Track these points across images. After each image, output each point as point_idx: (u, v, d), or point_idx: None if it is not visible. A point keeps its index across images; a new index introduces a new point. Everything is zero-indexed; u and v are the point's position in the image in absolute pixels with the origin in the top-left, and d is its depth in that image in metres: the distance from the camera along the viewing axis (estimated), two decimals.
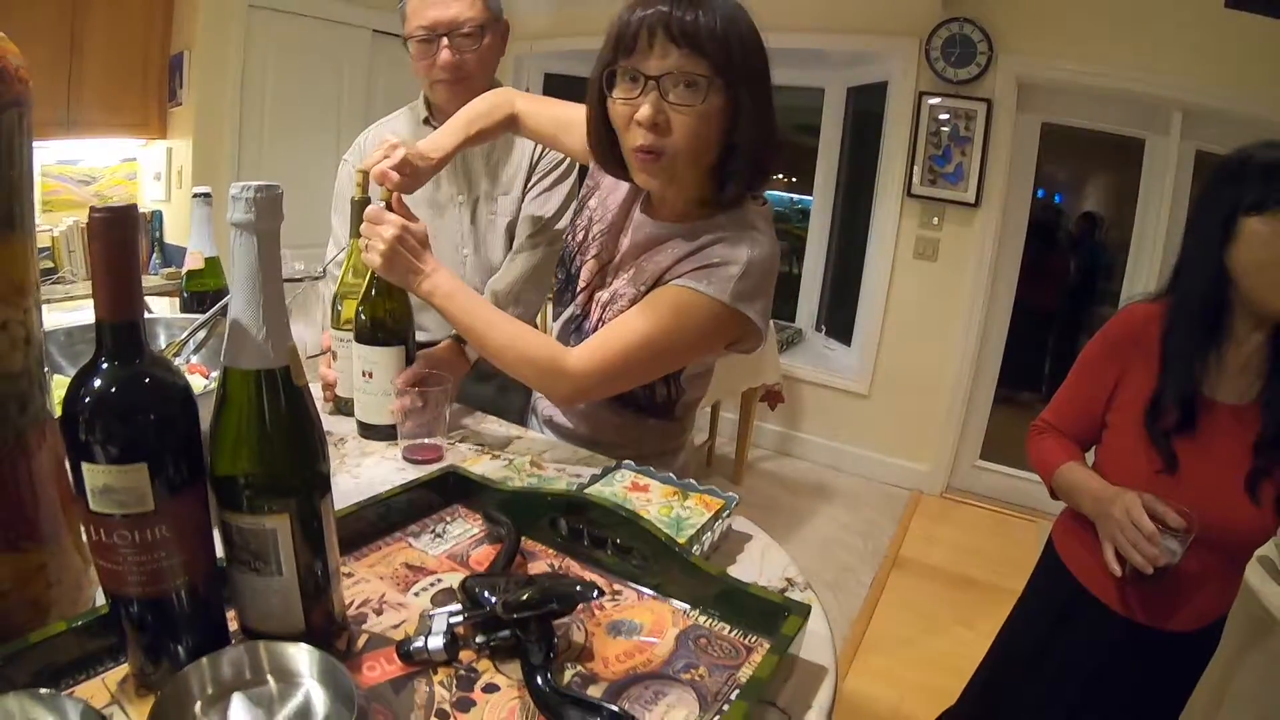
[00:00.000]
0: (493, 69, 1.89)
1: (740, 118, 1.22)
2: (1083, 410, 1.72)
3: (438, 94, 1.86)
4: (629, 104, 1.22)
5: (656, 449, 1.56)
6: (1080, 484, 1.63)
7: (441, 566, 1.01)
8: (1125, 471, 1.58)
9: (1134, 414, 1.57)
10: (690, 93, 1.18)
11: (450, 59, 1.76)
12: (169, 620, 0.72)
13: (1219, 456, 1.49)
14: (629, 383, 1.38)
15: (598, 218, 1.52)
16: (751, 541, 1.19)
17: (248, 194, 0.68)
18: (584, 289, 1.50)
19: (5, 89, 0.68)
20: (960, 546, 4.19)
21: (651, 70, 1.18)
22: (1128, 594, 1.60)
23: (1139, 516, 1.42)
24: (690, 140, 1.22)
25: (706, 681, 0.82)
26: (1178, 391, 1.51)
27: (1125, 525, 1.44)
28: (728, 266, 1.26)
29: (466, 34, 1.76)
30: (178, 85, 4.54)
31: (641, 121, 1.20)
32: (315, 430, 0.76)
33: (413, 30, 1.78)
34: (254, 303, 0.70)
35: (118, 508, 0.65)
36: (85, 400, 0.65)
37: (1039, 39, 4.15)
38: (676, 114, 1.20)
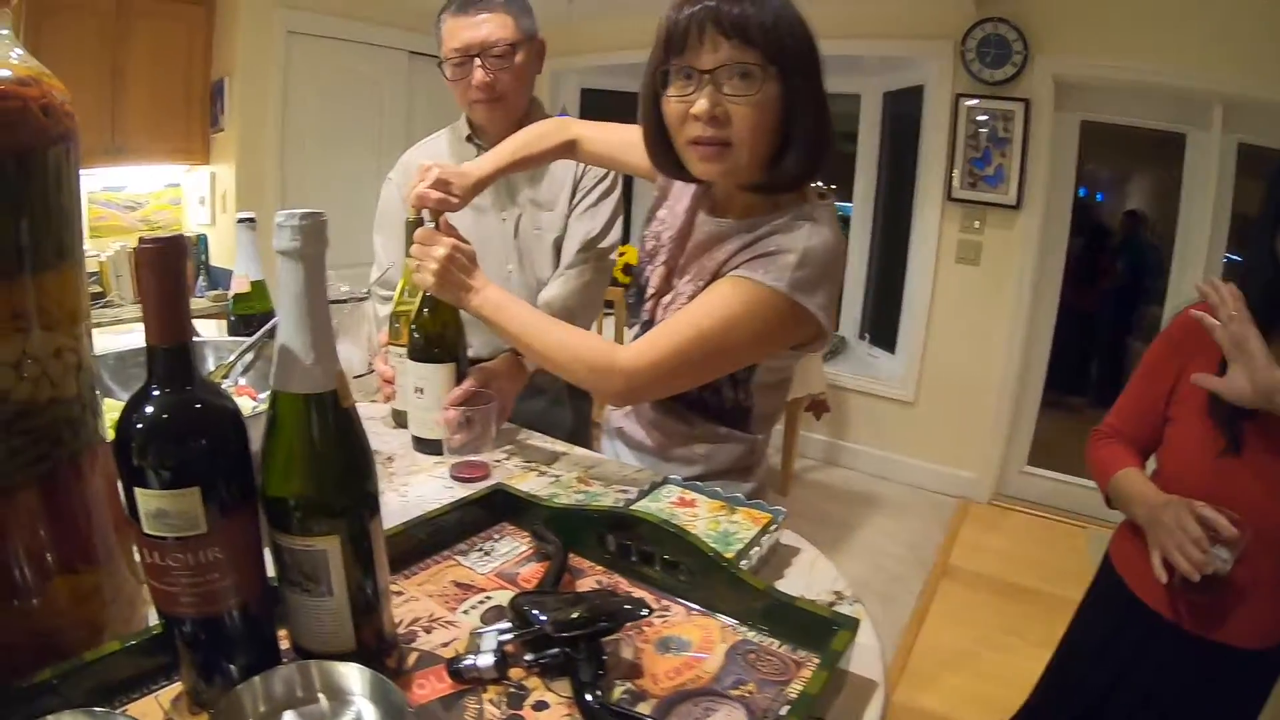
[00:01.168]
0: (529, 87, 1.90)
1: (795, 106, 1.22)
2: (1145, 412, 1.68)
3: (476, 114, 1.88)
4: (684, 100, 1.23)
5: (729, 466, 1.50)
6: (1135, 491, 1.59)
7: (490, 584, 1.01)
8: (1188, 459, 1.57)
9: (1196, 404, 1.54)
10: (745, 83, 1.19)
11: (484, 79, 1.78)
12: (221, 640, 0.73)
13: None
14: (684, 380, 1.34)
15: (666, 227, 1.52)
16: (800, 555, 1.18)
17: (293, 222, 0.69)
18: (651, 295, 1.50)
19: (54, 124, 0.70)
20: (1009, 554, 4.13)
21: (704, 64, 1.19)
22: (1186, 608, 1.56)
23: (1187, 522, 1.40)
24: (750, 130, 1.21)
25: (756, 698, 0.81)
26: None
27: (1174, 531, 1.42)
28: (784, 255, 1.24)
29: (499, 54, 1.77)
30: (219, 111, 4.63)
31: (699, 115, 1.21)
32: (364, 451, 0.77)
33: (447, 53, 1.80)
34: (302, 328, 0.71)
35: (171, 531, 0.66)
36: (138, 426, 0.66)
37: (1074, 36, 4.11)
38: (734, 105, 1.20)
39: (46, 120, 0.69)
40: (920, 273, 4.77)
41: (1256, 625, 1.51)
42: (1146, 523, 1.52)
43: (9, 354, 0.68)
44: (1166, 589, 1.52)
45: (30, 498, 0.72)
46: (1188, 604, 1.54)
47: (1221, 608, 1.50)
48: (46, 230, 0.71)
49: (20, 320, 0.69)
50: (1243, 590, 1.46)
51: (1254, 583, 1.45)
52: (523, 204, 1.91)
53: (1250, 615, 1.50)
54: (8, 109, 0.66)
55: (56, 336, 0.72)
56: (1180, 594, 1.52)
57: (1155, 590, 1.57)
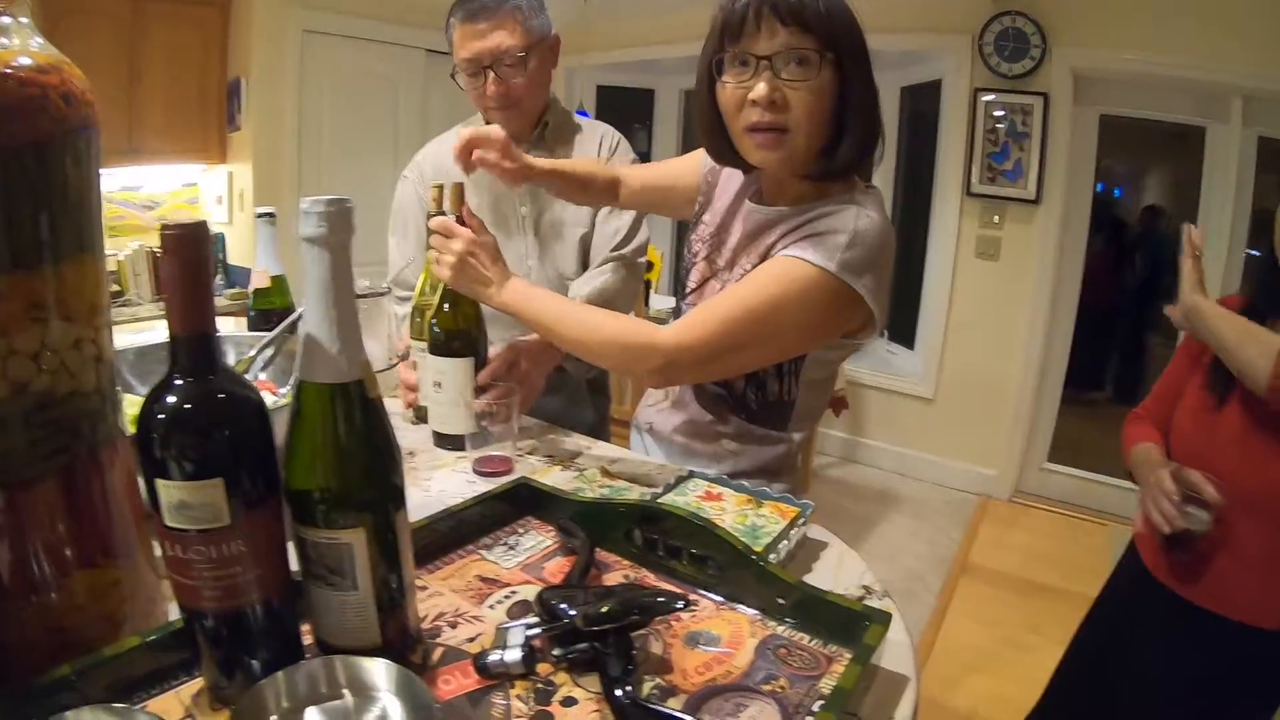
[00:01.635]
0: (544, 89, 1.89)
1: (849, 94, 1.22)
2: (1170, 393, 1.76)
3: (493, 118, 1.85)
4: (741, 86, 1.22)
5: (760, 466, 1.46)
6: (1141, 459, 1.70)
7: (515, 579, 1.00)
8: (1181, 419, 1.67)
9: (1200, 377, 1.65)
10: (803, 69, 1.18)
11: (497, 90, 1.77)
12: (244, 634, 0.72)
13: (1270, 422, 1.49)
14: (728, 362, 1.31)
15: (709, 227, 1.51)
16: (827, 549, 1.16)
17: (319, 208, 0.68)
18: (694, 289, 1.48)
19: (74, 113, 0.69)
20: (1030, 552, 4.12)
21: (762, 50, 1.18)
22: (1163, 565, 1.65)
23: (1164, 480, 1.52)
24: (807, 115, 1.21)
25: (788, 693, 0.80)
26: None
27: (1152, 488, 1.54)
28: (834, 235, 1.22)
29: (510, 65, 1.75)
30: (236, 110, 4.65)
31: (759, 100, 1.20)
32: (390, 443, 0.75)
33: (460, 62, 1.79)
34: (328, 317, 0.70)
35: (193, 523, 0.65)
36: (160, 416, 0.65)
37: (1093, 29, 4.09)
38: (792, 90, 1.19)
39: (67, 109, 0.68)
40: (939, 268, 4.77)
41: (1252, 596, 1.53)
42: (1142, 484, 1.63)
43: (28, 345, 0.67)
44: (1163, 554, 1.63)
45: (49, 491, 0.71)
46: (1168, 562, 1.63)
47: (1237, 587, 1.53)
48: (66, 221, 0.70)
49: (39, 311, 0.68)
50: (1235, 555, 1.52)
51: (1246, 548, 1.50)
52: (542, 200, 1.89)
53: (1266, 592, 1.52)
54: (27, 97, 0.65)
55: (76, 328, 0.71)
56: (1168, 552, 1.62)
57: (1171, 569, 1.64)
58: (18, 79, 0.65)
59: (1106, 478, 4.52)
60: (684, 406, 1.50)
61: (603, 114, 5.84)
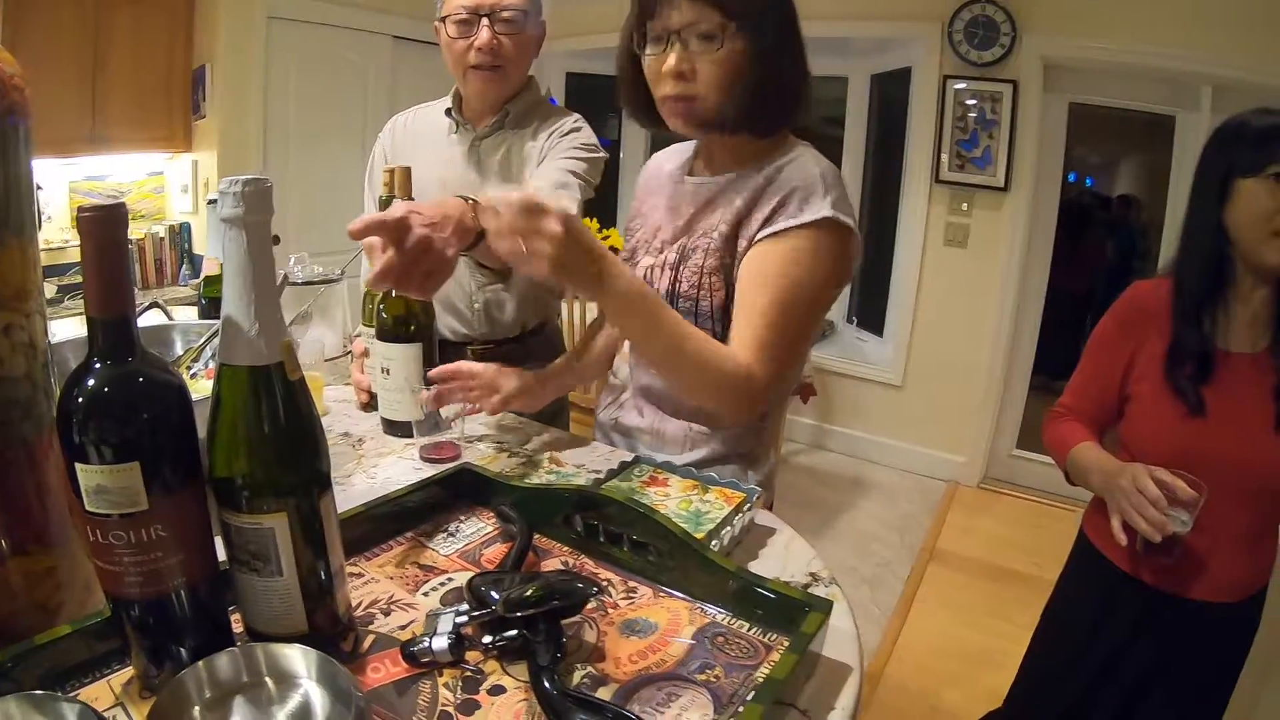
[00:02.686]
0: (528, 64, 1.86)
1: (763, 58, 1.27)
2: (1101, 390, 1.75)
3: (470, 83, 1.82)
4: (657, 59, 1.29)
5: (728, 449, 1.45)
6: (1091, 462, 1.65)
7: (453, 565, 1.00)
8: (1155, 428, 1.63)
9: (1156, 377, 1.61)
10: (708, 42, 1.25)
11: (489, 40, 1.73)
12: (169, 622, 0.72)
13: (1244, 400, 1.54)
14: (794, 357, 1.33)
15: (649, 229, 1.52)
16: (775, 535, 1.17)
17: (235, 188, 0.68)
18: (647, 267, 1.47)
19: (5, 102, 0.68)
20: (998, 538, 4.15)
21: (673, 25, 1.25)
22: (1145, 569, 1.64)
23: (1145, 484, 1.45)
24: (717, 83, 1.27)
25: (723, 682, 0.80)
26: (1192, 343, 1.56)
27: (1131, 493, 1.47)
28: (809, 186, 1.29)
29: (509, 18, 1.73)
30: (201, 98, 4.60)
31: (668, 72, 1.27)
32: (313, 426, 0.75)
33: (452, 9, 1.75)
34: (245, 298, 0.69)
35: (112, 508, 0.65)
36: (78, 400, 0.65)
37: (1063, 17, 4.11)
38: (700, 62, 1.26)
39: None
40: (908, 256, 4.79)
41: (1227, 577, 1.59)
42: (1104, 490, 1.58)
43: None
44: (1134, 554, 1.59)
45: None
46: (1150, 566, 1.62)
47: (1193, 565, 1.57)
48: None
49: None
50: (1212, 544, 1.54)
51: (1222, 537, 1.53)
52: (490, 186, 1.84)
53: (1221, 568, 1.57)
54: None
55: (4, 314, 0.71)
56: (1143, 556, 1.59)
57: (1128, 555, 1.64)
58: None
59: None
60: (648, 395, 1.51)
61: (572, 101, 5.83)
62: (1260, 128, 1.49)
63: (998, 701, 2.09)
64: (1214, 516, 1.46)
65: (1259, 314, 1.55)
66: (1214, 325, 1.57)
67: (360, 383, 1.62)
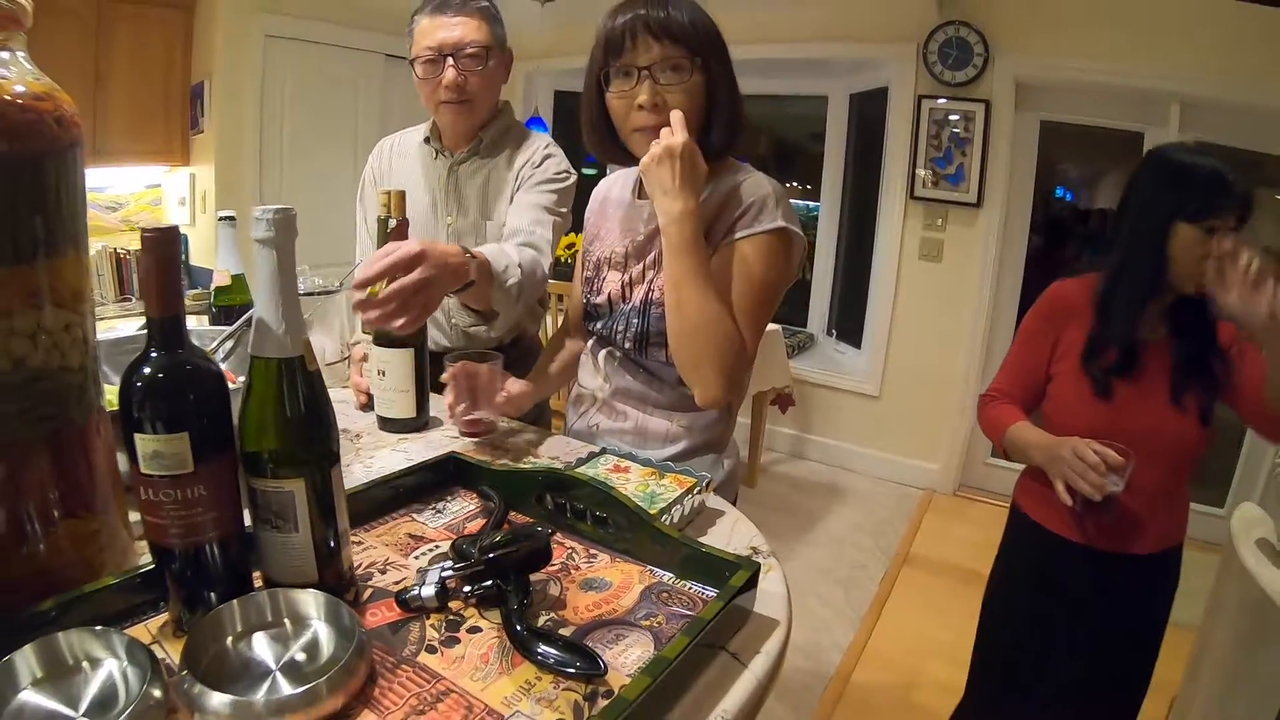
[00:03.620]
0: (495, 95, 1.99)
1: (716, 89, 1.45)
2: (1028, 375, 1.96)
3: (443, 116, 1.96)
4: (626, 95, 1.43)
5: (704, 439, 1.59)
6: (1030, 439, 1.87)
7: (440, 536, 1.14)
8: (1069, 408, 1.87)
9: (1073, 362, 1.86)
10: (677, 74, 1.41)
11: (455, 79, 1.86)
12: (202, 570, 0.86)
13: (1146, 382, 1.79)
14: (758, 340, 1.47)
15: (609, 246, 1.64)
16: (724, 516, 1.31)
17: (267, 215, 0.83)
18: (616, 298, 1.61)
19: (65, 133, 0.83)
20: (972, 542, 4.21)
21: (641, 62, 1.40)
22: (1089, 527, 1.86)
23: (1084, 452, 1.68)
24: (687, 112, 1.40)
25: (664, 627, 0.94)
26: (1121, 338, 1.79)
27: (1073, 461, 1.70)
28: (763, 201, 1.45)
29: (471, 54, 1.86)
30: (199, 113, 4.72)
31: (644, 105, 1.41)
32: (326, 408, 0.91)
33: (420, 51, 1.88)
34: (274, 304, 0.85)
35: (164, 470, 0.80)
36: (138, 383, 0.80)
37: (1034, 38, 4.24)
38: (670, 93, 1.41)
39: (59, 130, 0.82)
40: (884, 270, 4.90)
41: (1150, 530, 1.83)
42: (1046, 461, 1.79)
43: (26, 327, 0.81)
44: (1072, 515, 1.83)
45: (40, 451, 0.85)
46: (1093, 523, 1.84)
47: (1121, 522, 1.79)
48: (58, 223, 0.84)
49: (36, 299, 0.82)
50: (1135, 506, 1.77)
51: (1140, 495, 1.74)
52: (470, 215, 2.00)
53: (1144, 522, 1.82)
54: (28, 121, 0.79)
55: (65, 314, 0.85)
56: (1084, 516, 1.81)
57: (1062, 519, 1.89)
58: (19, 105, 0.79)
59: None
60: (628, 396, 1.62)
61: (560, 119, 5.95)
62: (1204, 175, 1.69)
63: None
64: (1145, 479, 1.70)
65: (1168, 309, 1.79)
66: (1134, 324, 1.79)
67: (359, 385, 1.76)
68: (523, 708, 0.77)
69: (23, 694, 0.73)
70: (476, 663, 0.84)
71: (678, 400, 1.57)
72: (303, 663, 0.82)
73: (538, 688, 0.80)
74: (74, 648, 0.77)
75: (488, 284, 1.56)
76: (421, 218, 1.99)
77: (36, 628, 0.79)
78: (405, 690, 0.79)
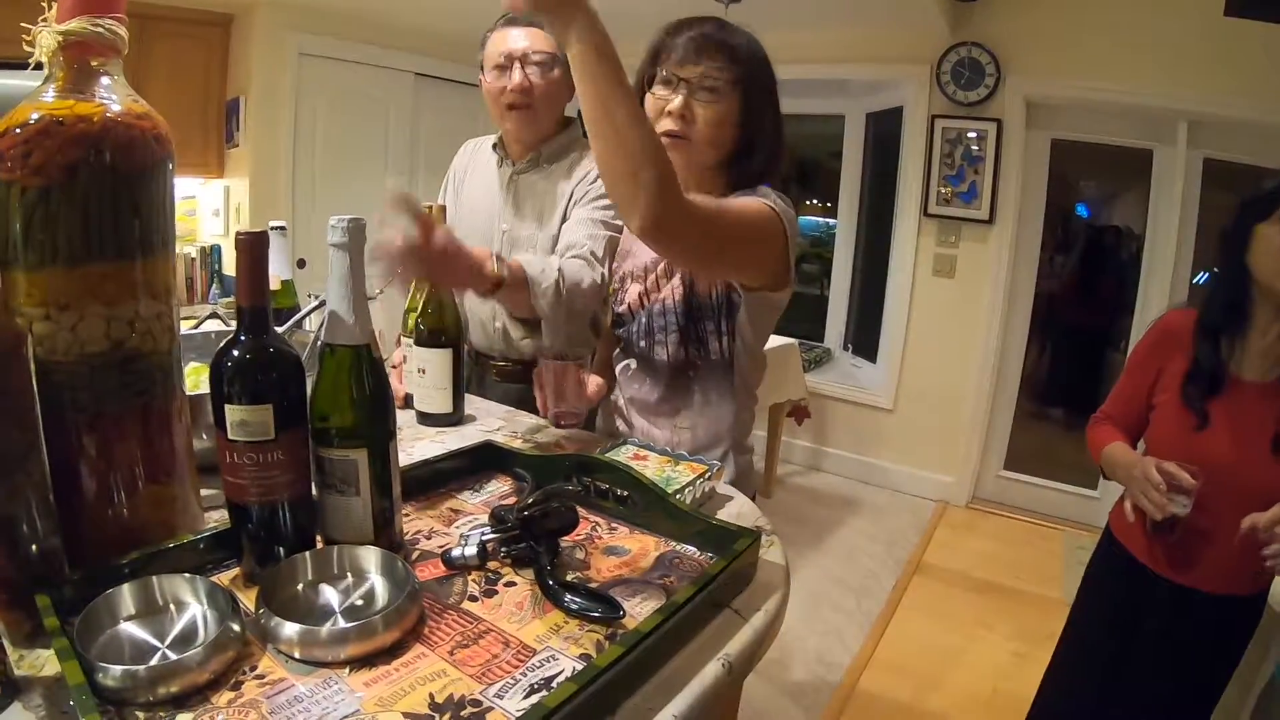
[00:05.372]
0: (559, 107, 2.07)
1: (754, 117, 1.54)
2: (1131, 401, 2.01)
3: (508, 122, 2.04)
4: (662, 99, 1.52)
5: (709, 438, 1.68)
6: (1119, 458, 1.92)
7: (478, 510, 1.27)
8: (1166, 435, 1.90)
9: (1174, 391, 1.87)
10: (713, 94, 1.50)
11: (521, 81, 1.95)
12: (274, 527, 0.99)
13: (1247, 421, 1.76)
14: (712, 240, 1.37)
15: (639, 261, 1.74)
16: (732, 501, 1.43)
17: (342, 224, 0.98)
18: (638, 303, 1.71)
19: (160, 149, 0.96)
20: (984, 554, 4.31)
21: (685, 74, 1.50)
22: (1156, 550, 1.88)
23: (1150, 472, 1.75)
24: (708, 130, 1.51)
25: (674, 585, 1.06)
26: (1207, 363, 1.81)
27: (1140, 481, 1.77)
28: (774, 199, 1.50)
29: (538, 61, 1.96)
30: (235, 128, 4.86)
31: (672, 112, 1.50)
32: (387, 390, 1.05)
33: (491, 57, 1.99)
34: (346, 299, 1.00)
35: (249, 436, 0.93)
36: (228, 363, 0.94)
37: (1044, 59, 4.35)
38: (702, 108, 1.50)
39: (156, 146, 0.96)
40: (899, 285, 5.00)
41: (1230, 570, 1.80)
42: (1126, 480, 1.86)
43: (126, 314, 0.94)
44: (1145, 537, 1.88)
45: (131, 423, 0.98)
46: (1161, 547, 1.87)
47: (1199, 558, 1.82)
48: (153, 226, 0.97)
49: (134, 290, 0.95)
50: (1214, 541, 1.77)
51: (1220, 535, 1.73)
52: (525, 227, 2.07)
53: (1223, 562, 1.79)
54: (132, 138, 0.92)
55: (157, 304, 0.98)
56: (1152, 537, 1.85)
57: (1141, 543, 1.92)
58: (125, 124, 0.92)
59: (1064, 485, 4.73)
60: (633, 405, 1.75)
61: None
62: (1275, 186, 1.77)
63: (974, 704, 2.32)
64: (1213, 516, 1.72)
65: (1272, 347, 1.78)
66: (1230, 351, 1.81)
67: (396, 390, 1.85)
68: (553, 644, 0.90)
69: (121, 625, 0.86)
70: (512, 609, 0.97)
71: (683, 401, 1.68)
72: (361, 607, 0.94)
73: (565, 629, 0.93)
74: (164, 591, 0.91)
75: (522, 289, 1.61)
76: (483, 221, 2.11)
77: (123, 579, 0.91)
78: (451, 630, 0.92)
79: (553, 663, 0.87)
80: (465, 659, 0.86)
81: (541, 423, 1.80)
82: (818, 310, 5.89)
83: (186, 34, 4.58)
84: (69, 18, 0.92)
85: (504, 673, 0.84)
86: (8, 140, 0.87)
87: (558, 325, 1.94)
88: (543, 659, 0.87)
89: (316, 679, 0.81)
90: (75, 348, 0.92)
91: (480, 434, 1.68)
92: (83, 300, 0.91)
